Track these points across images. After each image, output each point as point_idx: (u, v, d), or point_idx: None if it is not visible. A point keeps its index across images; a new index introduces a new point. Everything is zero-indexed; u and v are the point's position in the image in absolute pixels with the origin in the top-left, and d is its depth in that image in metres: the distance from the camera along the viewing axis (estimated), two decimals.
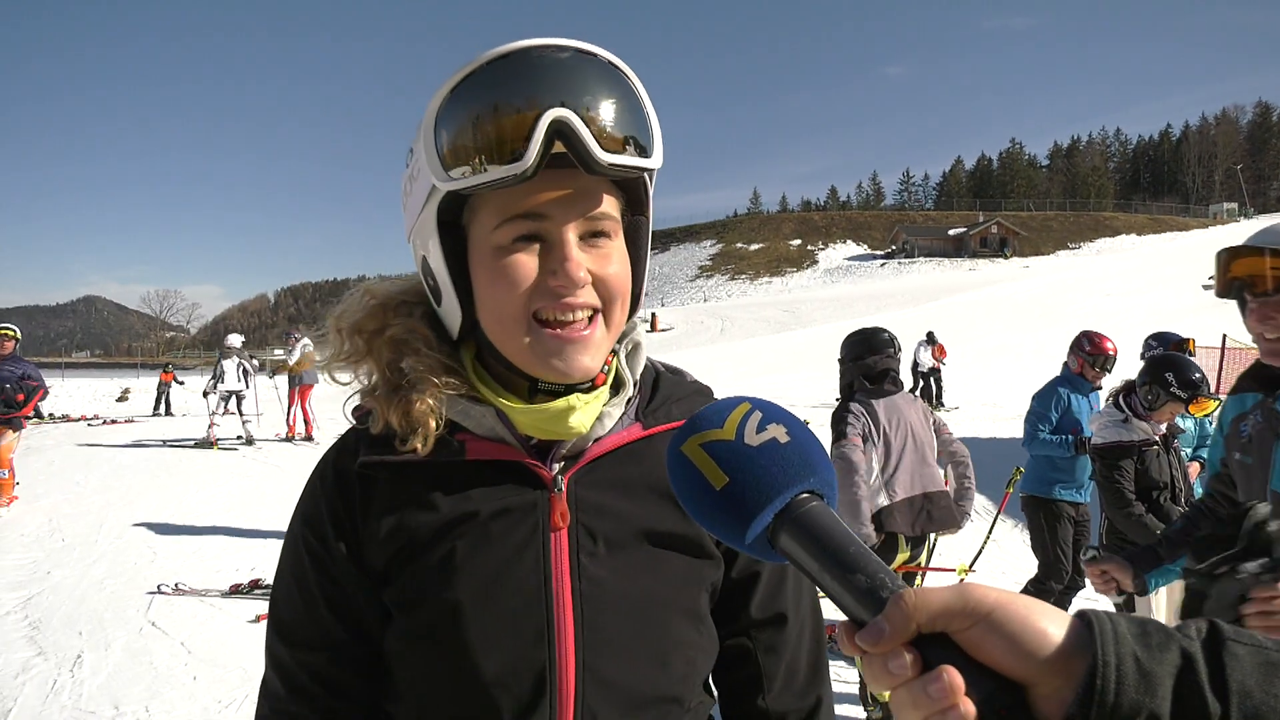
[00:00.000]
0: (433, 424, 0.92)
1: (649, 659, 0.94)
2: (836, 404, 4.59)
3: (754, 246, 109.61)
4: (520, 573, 0.91)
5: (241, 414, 13.74)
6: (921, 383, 18.02)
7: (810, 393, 18.03)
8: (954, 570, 5.19)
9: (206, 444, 13.36)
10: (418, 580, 0.92)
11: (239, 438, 13.76)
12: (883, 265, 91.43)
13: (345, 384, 1.00)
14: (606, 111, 0.84)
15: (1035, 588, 5.07)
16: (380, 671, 0.98)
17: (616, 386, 1.01)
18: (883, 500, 4.23)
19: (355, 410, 1.01)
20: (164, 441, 14.39)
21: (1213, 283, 2.10)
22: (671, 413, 1.01)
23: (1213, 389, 4.12)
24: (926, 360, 17.97)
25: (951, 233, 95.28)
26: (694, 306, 72.16)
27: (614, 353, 1.01)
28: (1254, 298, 1.87)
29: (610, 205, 0.91)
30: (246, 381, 13.81)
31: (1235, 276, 1.90)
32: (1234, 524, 1.66)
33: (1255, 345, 1.96)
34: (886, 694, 0.51)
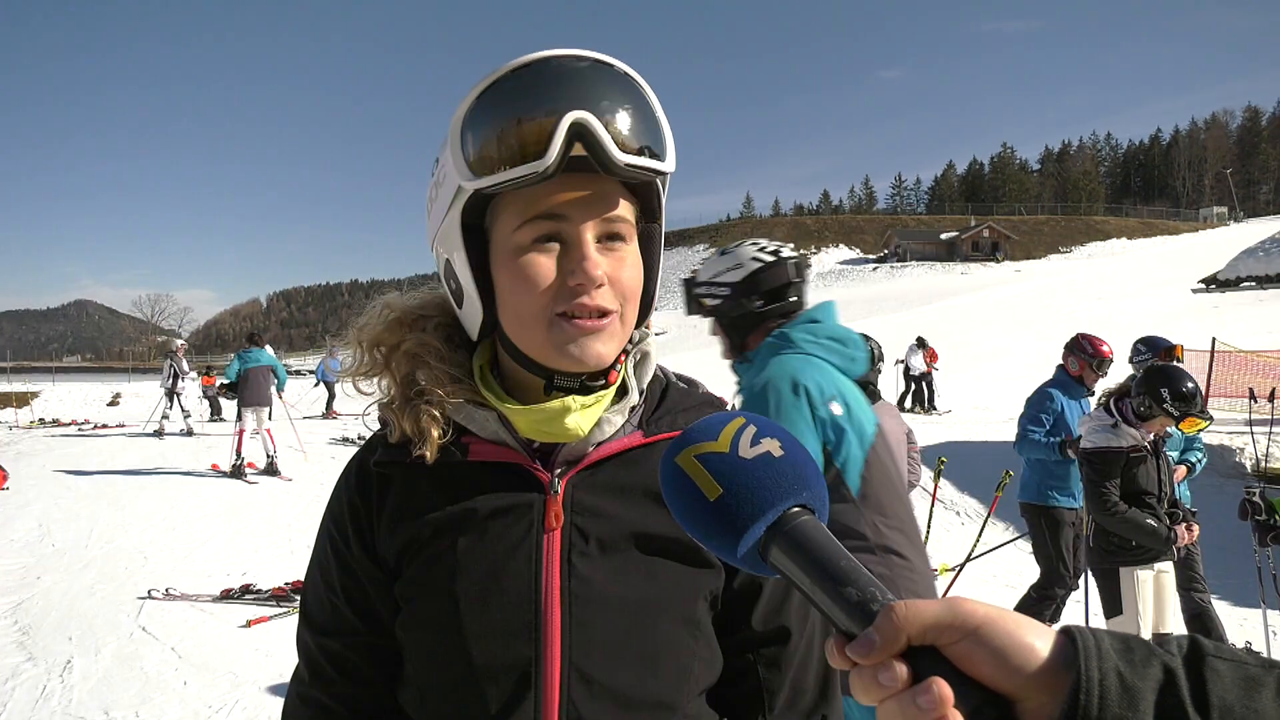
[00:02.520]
0: (436, 433, 0.96)
1: (637, 660, 0.95)
2: None
3: None
4: (513, 570, 0.95)
5: (182, 409, 16.37)
6: (913, 387, 18.06)
7: None
8: (935, 571, 5.22)
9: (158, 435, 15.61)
10: (421, 574, 0.97)
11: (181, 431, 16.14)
12: (875, 269, 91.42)
13: (367, 394, 1.05)
14: (623, 117, 0.89)
15: (1038, 594, 5.09)
16: (397, 665, 1.03)
17: (621, 394, 1.03)
18: None
19: (380, 416, 1.06)
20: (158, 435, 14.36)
21: (1203, 285, 2.12)
22: (676, 422, 1.04)
23: (1203, 393, 4.14)
24: (918, 365, 18.01)
25: (943, 237, 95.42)
26: None
27: (626, 354, 1.04)
28: None
29: (626, 210, 0.94)
30: (174, 381, 16.27)
31: None
32: None
33: (1244, 349, 1.97)
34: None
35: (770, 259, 2.45)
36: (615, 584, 0.96)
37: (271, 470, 11.26)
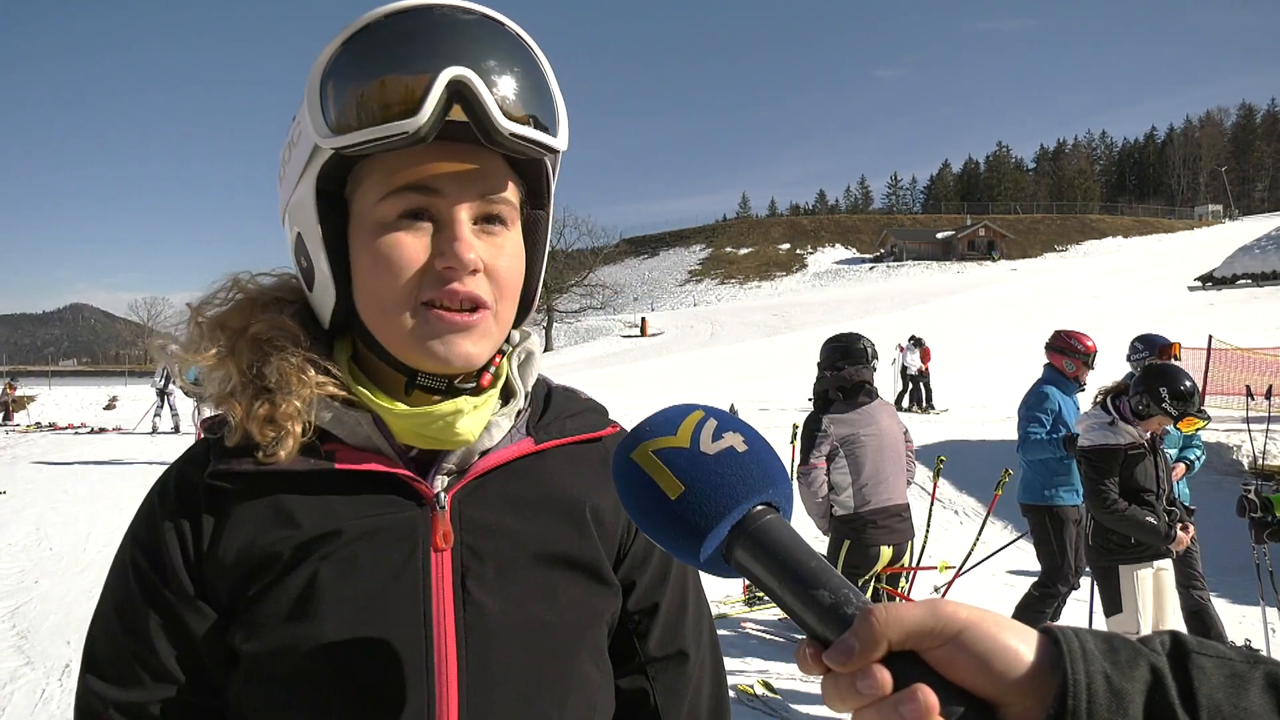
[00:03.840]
0: (297, 429, 0.81)
1: (544, 700, 0.84)
2: (809, 414, 4.67)
3: (743, 251, 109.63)
4: (394, 602, 0.80)
5: (172, 409, 16.92)
6: (910, 385, 18.08)
7: (800, 396, 18.04)
8: (935, 568, 5.23)
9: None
10: (271, 613, 0.79)
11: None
12: (871, 269, 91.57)
13: (193, 387, 0.91)
14: (510, 80, 0.78)
15: (1041, 591, 5.10)
16: None
17: (505, 398, 0.91)
18: (852, 506, 4.33)
19: (205, 421, 0.90)
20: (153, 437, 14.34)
21: (1200, 283, 2.14)
22: (565, 427, 0.93)
23: (1200, 391, 4.15)
24: (914, 363, 18.02)
25: (939, 236, 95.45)
26: (683, 311, 72.17)
27: (504, 354, 0.92)
28: None
29: (510, 191, 0.83)
30: (166, 383, 16.70)
31: None
32: None
33: (1240, 346, 1.98)
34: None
35: None
36: (516, 612, 0.84)
37: None
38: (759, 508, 0.56)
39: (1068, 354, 5.28)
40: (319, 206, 0.81)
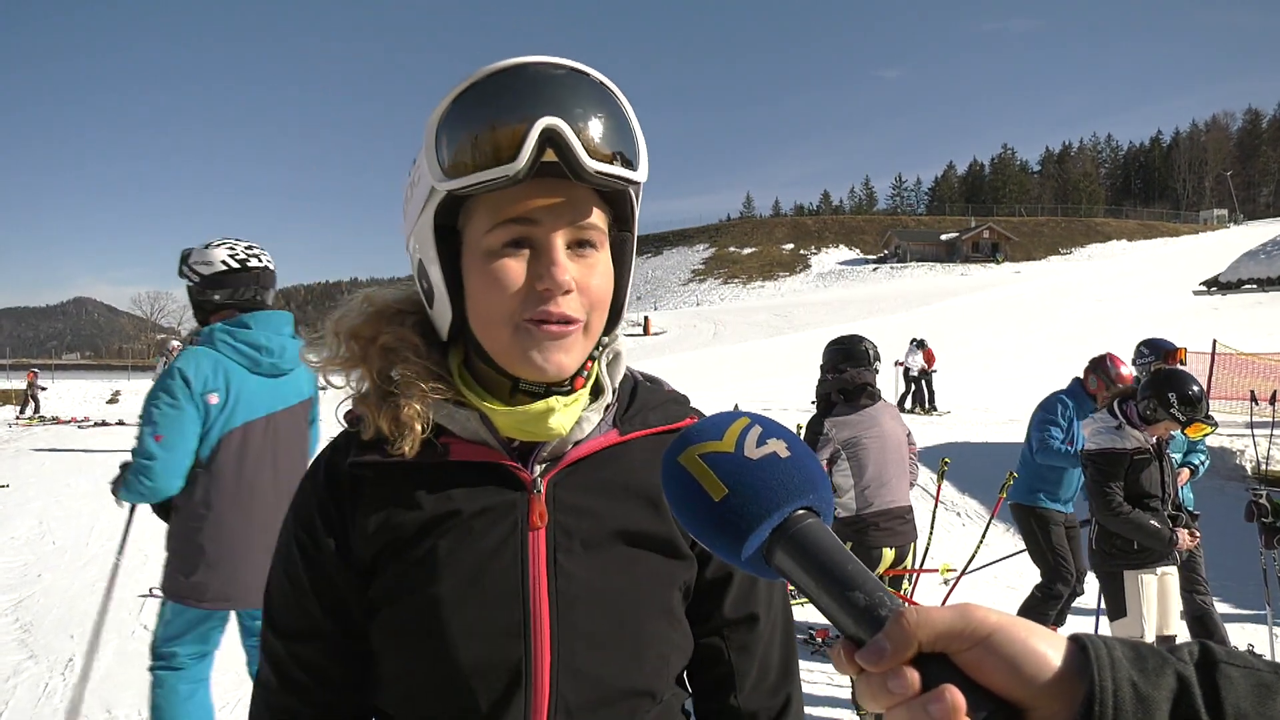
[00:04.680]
0: (419, 428, 0.96)
1: (622, 653, 0.98)
2: (811, 416, 4.67)
3: (747, 250, 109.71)
4: (498, 569, 0.95)
5: None
6: (913, 387, 18.06)
7: (803, 396, 18.04)
8: (937, 570, 5.22)
9: None
10: (401, 575, 0.96)
11: None
12: (875, 270, 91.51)
13: (339, 387, 1.04)
14: (596, 124, 0.89)
15: (1042, 593, 5.10)
16: (368, 667, 1.01)
17: (595, 393, 1.04)
18: (855, 509, 4.33)
19: (347, 414, 1.04)
20: None
21: (1204, 288, 2.14)
22: (648, 420, 1.06)
23: (1207, 400, 4.14)
24: (916, 364, 18.01)
25: (944, 237, 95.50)
26: (687, 310, 72.10)
27: (594, 359, 1.04)
28: None
29: (598, 218, 0.95)
30: None
31: None
32: None
33: (1245, 351, 1.98)
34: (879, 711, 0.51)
35: (235, 265, 3.10)
36: (599, 580, 0.97)
37: None
38: (800, 511, 0.58)
39: (1098, 371, 5.24)
40: (436, 237, 0.94)
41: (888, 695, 0.50)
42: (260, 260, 3.16)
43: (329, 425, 1.05)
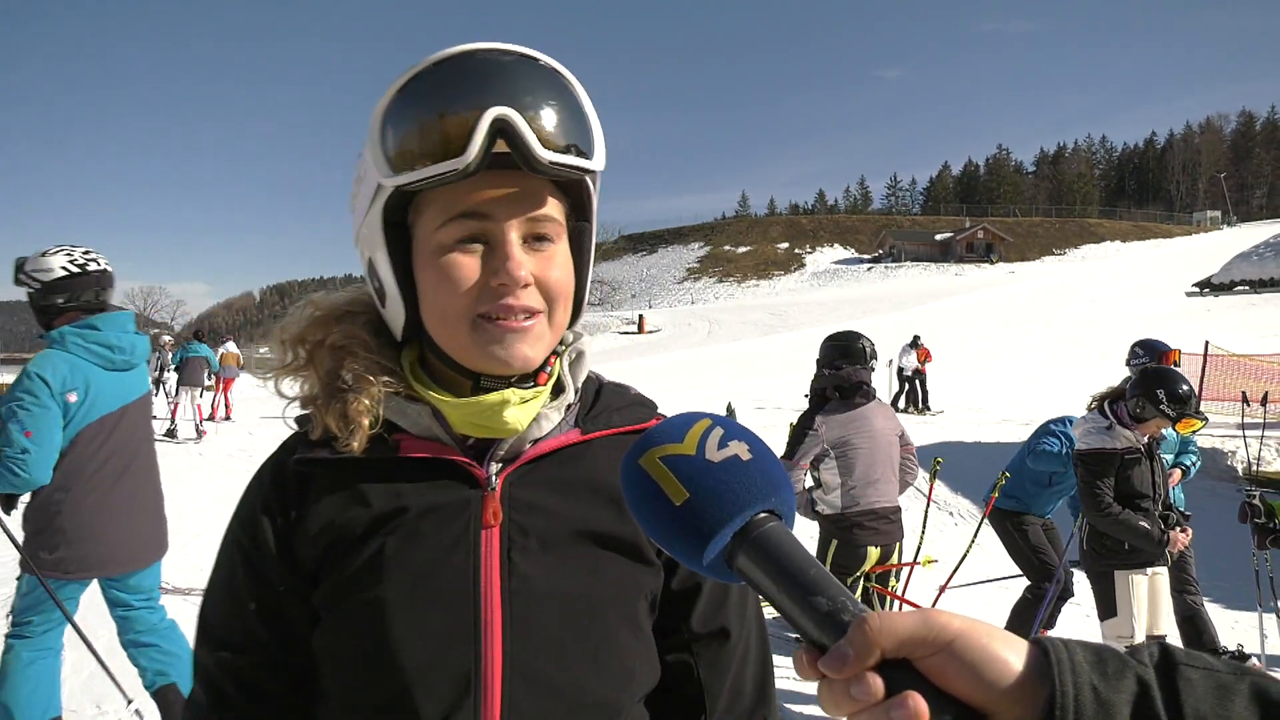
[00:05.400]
0: (366, 422, 0.92)
1: (581, 659, 0.92)
2: (803, 411, 4.68)
3: (742, 249, 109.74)
4: (449, 570, 0.91)
5: (168, 397, 16.39)
6: (906, 386, 18.10)
7: (797, 396, 18.07)
8: (920, 563, 5.22)
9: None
10: (346, 577, 0.92)
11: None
12: (870, 269, 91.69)
13: (291, 398, 1.00)
14: (548, 113, 0.86)
15: (1033, 595, 5.12)
16: (309, 683, 0.95)
17: (557, 392, 1.01)
18: (840, 507, 4.34)
19: (297, 417, 1.01)
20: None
21: (1197, 289, 2.15)
22: (612, 420, 1.02)
23: (1197, 397, 4.17)
24: (910, 364, 18.04)
25: (938, 238, 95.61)
26: (681, 309, 72.19)
27: (557, 355, 1.01)
28: None
29: (554, 209, 0.92)
30: (160, 372, 17.39)
31: None
32: None
33: (1237, 353, 1.99)
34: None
35: (75, 270, 3.31)
36: (557, 581, 0.93)
37: (198, 431, 14.30)
38: (761, 515, 0.57)
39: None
40: (386, 235, 0.91)
41: (850, 702, 0.49)
42: (99, 264, 3.39)
43: (262, 435, 1.00)
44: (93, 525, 3.39)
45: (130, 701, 3.70)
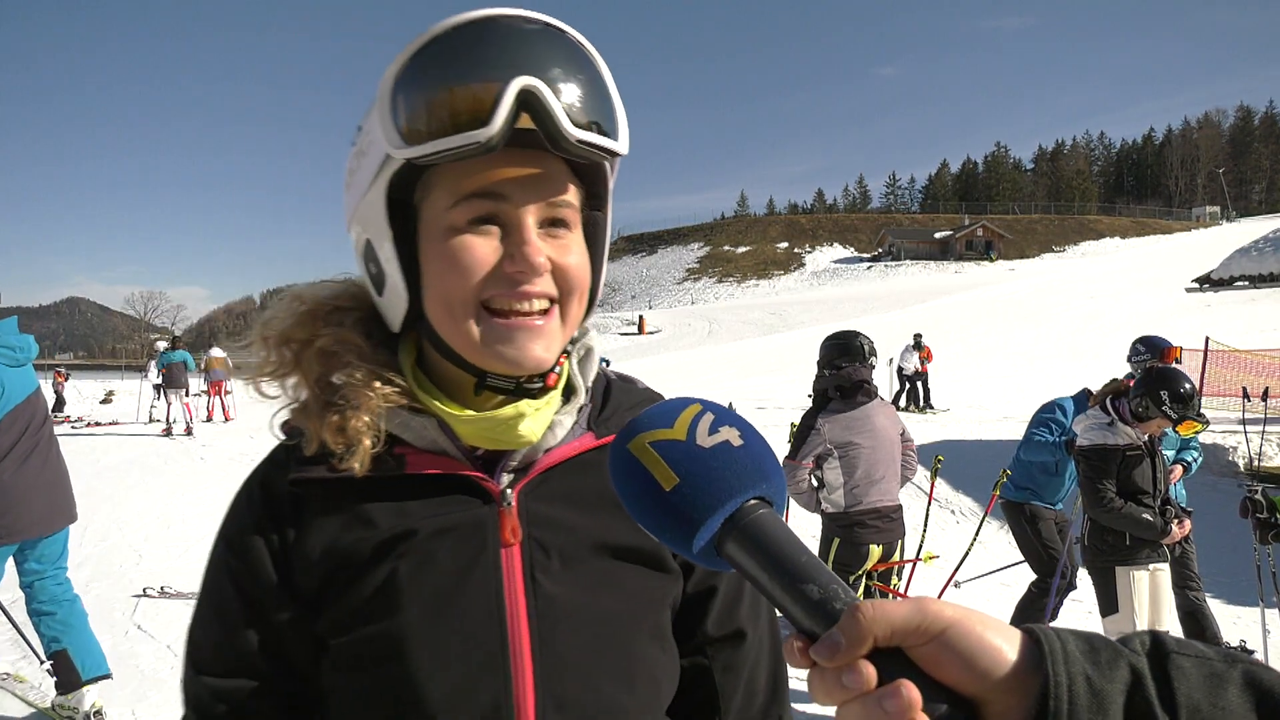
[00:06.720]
0: (368, 442, 0.85)
1: (613, 680, 0.88)
2: (806, 410, 4.69)
3: (741, 249, 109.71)
4: (469, 594, 0.85)
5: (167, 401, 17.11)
6: (908, 385, 18.08)
7: (798, 395, 18.07)
8: (921, 559, 5.23)
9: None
10: (355, 607, 0.85)
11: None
12: (869, 268, 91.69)
13: (273, 397, 0.92)
14: (574, 88, 0.80)
15: (1039, 589, 5.12)
16: (306, 712, 0.90)
17: (567, 394, 0.95)
18: (843, 505, 4.35)
19: (284, 425, 0.93)
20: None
21: (1196, 285, 2.15)
22: (624, 421, 0.96)
23: (1198, 393, 4.17)
24: (912, 364, 18.02)
25: (937, 236, 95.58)
26: (681, 309, 72.19)
27: (566, 354, 0.95)
28: None
29: (572, 194, 0.86)
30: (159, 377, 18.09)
31: None
32: None
33: (1237, 348, 2.00)
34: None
35: None
36: (583, 600, 0.88)
37: (189, 431, 15.76)
38: (752, 502, 0.56)
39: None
40: (389, 214, 0.83)
41: (842, 690, 0.49)
42: None
43: (264, 439, 0.89)
44: (14, 495, 3.96)
45: (44, 662, 4.23)
